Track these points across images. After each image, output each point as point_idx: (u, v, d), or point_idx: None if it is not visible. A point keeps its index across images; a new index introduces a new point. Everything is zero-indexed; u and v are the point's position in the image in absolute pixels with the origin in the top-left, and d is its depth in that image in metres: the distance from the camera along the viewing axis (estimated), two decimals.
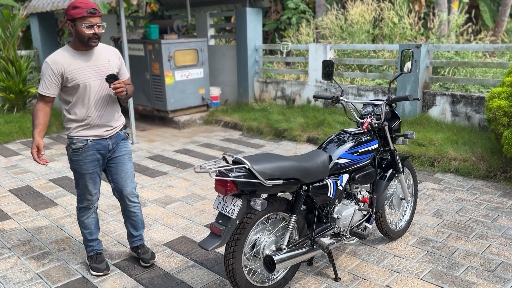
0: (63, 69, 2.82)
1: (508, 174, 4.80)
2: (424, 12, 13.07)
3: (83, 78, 2.87)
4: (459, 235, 3.70)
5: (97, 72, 2.92)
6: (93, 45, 2.86)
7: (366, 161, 3.09)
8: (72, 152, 2.99)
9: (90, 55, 2.92)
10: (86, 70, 2.88)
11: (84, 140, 2.97)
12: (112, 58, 3.02)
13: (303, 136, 6.72)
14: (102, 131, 3.00)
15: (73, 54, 2.88)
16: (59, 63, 2.83)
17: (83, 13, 2.75)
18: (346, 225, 3.04)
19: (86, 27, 2.77)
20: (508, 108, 4.53)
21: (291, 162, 2.63)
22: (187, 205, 4.47)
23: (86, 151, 2.98)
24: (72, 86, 2.86)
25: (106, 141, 3.03)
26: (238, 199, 2.48)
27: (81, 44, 2.86)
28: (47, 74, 2.83)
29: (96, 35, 2.82)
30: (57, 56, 2.85)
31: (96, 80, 2.92)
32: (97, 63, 2.93)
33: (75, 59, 2.87)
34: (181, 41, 7.79)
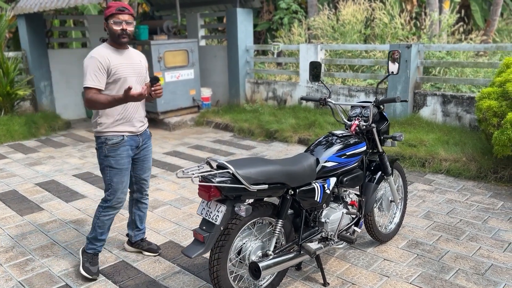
0: (109, 63, 2.94)
1: (499, 175, 4.78)
2: (416, 11, 13.08)
3: (124, 73, 3.01)
4: (449, 237, 3.66)
5: (133, 69, 3.07)
6: (123, 42, 2.98)
7: (354, 164, 3.04)
8: (109, 148, 3.05)
9: (126, 53, 3.08)
10: (125, 66, 3.02)
11: (120, 136, 3.06)
12: (142, 61, 3.20)
13: (294, 137, 6.67)
14: (136, 127, 3.12)
15: (113, 50, 3.02)
16: (105, 57, 2.94)
17: (113, 10, 2.92)
18: (334, 229, 2.99)
19: (114, 23, 2.92)
20: (498, 108, 4.51)
21: (277, 166, 2.58)
22: (175, 209, 4.40)
23: (123, 146, 3.07)
24: (114, 80, 2.98)
25: (138, 137, 3.16)
26: (222, 205, 2.42)
27: (113, 41, 3.00)
28: (95, 67, 2.90)
29: (125, 31, 2.94)
30: (102, 51, 2.98)
31: (133, 76, 3.06)
32: (132, 62, 3.09)
33: (115, 55, 3.01)
34: (171, 42, 7.71)
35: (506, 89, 4.50)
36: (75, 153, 6.56)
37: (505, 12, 14.77)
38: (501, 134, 4.34)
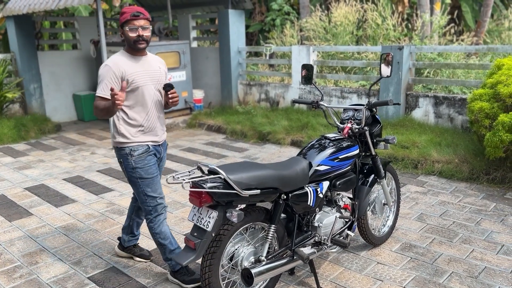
0: (124, 72, 2.85)
1: (491, 176, 4.78)
2: (408, 13, 13.13)
3: (142, 81, 2.92)
4: (443, 239, 3.65)
5: (151, 77, 2.98)
6: (141, 48, 2.89)
7: (347, 167, 3.02)
8: (135, 160, 2.94)
9: (144, 60, 2.98)
10: (143, 74, 2.93)
11: (145, 145, 2.97)
12: (161, 67, 3.09)
13: (287, 139, 6.65)
14: (159, 136, 3.04)
15: (130, 58, 2.93)
16: (120, 65, 2.86)
17: (127, 16, 2.82)
18: (327, 234, 2.96)
19: (130, 30, 2.83)
20: (490, 110, 4.51)
21: (269, 171, 2.55)
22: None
23: (149, 154, 2.98)
24: (132, 89, 2.88)
25: (160, 147, 3.08)
26: (214, 210, 2.38)
27: (130, 48, 2.91)
28: (108, 76, 2.83)
29: (141, 37, 2.86)
30: (117, 59, 2.89)
31: (151, 84, 2.97)
32: (150, 69, 2.99)
33: (133, 63, 2.92)
34: (163, 44, 7.65)
35: (498, 91, 4.51)
36: (65, 156, 6.48)
37: (495, 13, 14.88)
38: (493, 136, 4.34)
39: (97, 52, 8.09)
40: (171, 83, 2.96)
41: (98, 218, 4.26)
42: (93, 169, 5.83)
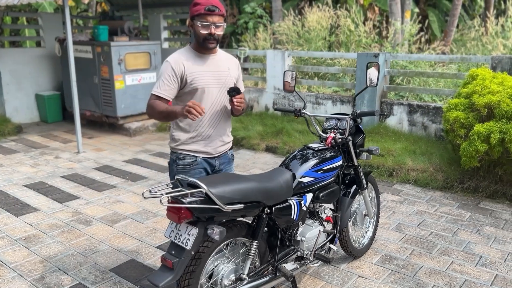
0: (184, 70, 2.58)
1: (465, 185, 4.82)
2: (378, 20, 13.32)
3: (203, 82, 2.61)
4: (422, 251, 3.61)
5: (216, 79, 2.67)
6: (210, 47, 2.60)
7: (330, 178, 2.91)
8: (179, 169, 2.69)
9: (211, 59, 2.68)
10: (207, 75, 2.63)
11: (193, 157, 2.69)
12: (232, 68, 2.77)
13: (262, 144, 6.52)
14: (213, 147, 2.72)
15: (194, 56, 2.64)
16: (181, 63, 2.58)
17: (201, 10, 2.50)
18: (310, 248, 2.84)
19: (201, 26, 2.52)
20: (465, 119, 4.54)
21: (253, 184, 2.40)
22: (137, 223, 4.12)
23: (195, 168, 2.69)
24: (190, 90, 2.61)
25: (215, 160, 2.75)
26: (194, 227, 2.21)
27: (198, 45, 2.62)
28: (166, 73, 2.57)
29: (212, 36, 2.55)
30: (178, 56, 2.61)
31: (215, 87, 2.66)
32: (217, 70, 2.68)
33: (196, 62, 2.63)
34: (133, 44, 7.38)
35: (473, 101, 4.54)
36: (26, 160, 6.10)
37: (460, 23, 15.33)
38: (468, 146, 4.36)
39: (63, 51, 7.71)
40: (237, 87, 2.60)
41: (62, 229, 3.99)
42: (57, 174, 5.50)
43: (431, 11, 15.29)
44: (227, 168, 2.85)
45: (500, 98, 4.35)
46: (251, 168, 5.74)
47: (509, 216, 4.26)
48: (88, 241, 3.77)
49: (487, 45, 9.46)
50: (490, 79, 4.69)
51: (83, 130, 7.51)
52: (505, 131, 4.20)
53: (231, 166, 2.89)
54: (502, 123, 4.28)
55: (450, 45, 12.60)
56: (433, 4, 16.10)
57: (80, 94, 7.54)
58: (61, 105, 8.52)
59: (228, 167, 2.86)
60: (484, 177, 4.77)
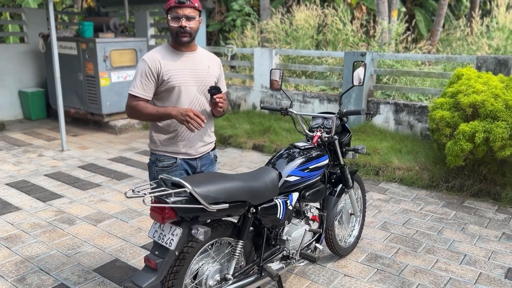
0: (160, 68, 2.50)
1: (450, 184, 4.86)
2: (365, 19, 13.37)
3: (180, 80, 2.53)
4: (407, 249, 3.62)
5: (195, 77, 2.58)
6: (183, 41, 2.52)
7: (317, 177, 2.90)
8: (158, 171, 2.61)
9: (189, 57, 2.60)
10: (184, 73, 2.55)
11: (173, 158, 2.61)
12: (213, 66, 2.69)
13: (249, 143, 6.49)
14: (194, 148, 2.64)
15: (171, 53, 2.56)
16: (157, 60, 2.50)
17: (172, 3, 2.46)
18: (296, 247, 2.83)
19: (171, 18, 2.47)
20: (451, 119, 4.57)
21: (238, 183, 2.37)
22: (122, 222, 4.06)
23: (175, 170, 2.62)
24: (167, 88, 2.52)
25: (196, 161, 2.68)
26: (178, 227, 2.18)
27: (174, 41, 2.56)
28: (142, 72, 2.50)
29: (183, 29, 2.48)
30: (155, 53, 2.53)
31: (193, 85, 2.58)
32: (196, 68, 2.59)
33: (173, 59, 2.55)
34: (118, 40, 7.28)
35: (458, 100, 4.57)
36: (9, 158, 5.98)
37: (446, 23, 15.48)
38: (454, 145, 4.40)
39: (47, 47, 7.58)
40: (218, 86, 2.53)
41: (45, 228, 3.92)
42: (40, 172, 5.40)
43: (417, 11, 15.41)
44: (209, 170, 2.79)
45: (484, 97, 4.39)
46: (238, 167, 5.71)
47: (492, 214, 4.31)
48: (71, 240, 3.71)
49: (472, 45, 9.56)
50: (475, 79, 4.73)
51: (67, 127, 7.40)
52: (490, 131, 4.24)
53: (213, 168, 2.83)
54: (487, 123, 4.32)
55: (436, 45, 12.71)
56: (419, 4, 16.23)
57: (65, 91, 7.43)
58: (45, 102, 8.38)
59: (211, 168, 2.80)
60: (469, 176, 4.81)
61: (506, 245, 3.69)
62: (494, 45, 7.61)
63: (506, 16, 8.04)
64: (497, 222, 4.13)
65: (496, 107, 4.31)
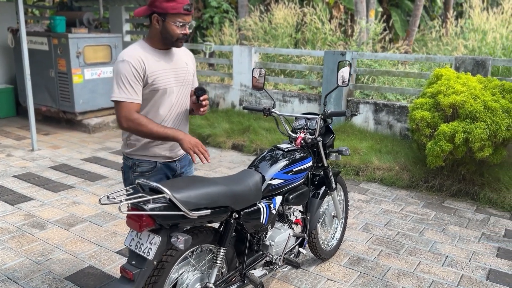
0: (145, 69, 2.30)
1: (430, 184, 4.87)
2: (343, 18, 13.41)
3: (164, 82, 2.37)
4: (390, 251, 3.59)
5: (176, 77, 2.44)
6: (180, 47, 2.43)
7: (300, 180, 2.81)
8: (136, 176, 2.43)
9: (169, 56, 2.44)
10: (167, 73, 2.39)
11: (153, 162, 2.45)
12: (189, 62, 2.56)
13: (228, 142, 6.37)
14: (175, 151, 2.51)
15: (152, 52, 2.37)
16: (141, 61, 2.30)
17: (179, 9, 2.28)
18: (279, 252, 2.74)
19: (179, 26, 2.31)
20: (431, 119, 4.57)
21: (220, 187, 2.26)
22: (96, 226, 3.89)
23: (155, 175, 2.46)
24: (150, 91, 2.35)
25: (175, 163, 2.56)
26: (156, 235, 2.05)
27: (163, 43, 2.38)
28: (129, 74, 2.26)
29: (186, 36, 2.38)
30: (135, 53, 2.31)
31: (175, 86, 2.44)
32: (176, 67, 2.45)
33: (156, 59, 2.37)
34: (92, 36, 7.03)
35: (438, 101, 4.58)
36: None
37: (422, 23, 15.71)
38: (434, 145, 4.39)
39: (16, 42, 7.25)
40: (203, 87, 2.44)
41: (13, 234, 3.71)
42: (8, 174, 5.14)
43: (394, 11, 15.58)
44: (188, 171, 2.69)
45: (464, 98, 4.40)
46: (217, 167, 5.59)
47: (472, 214, 4.33)
48: (42, 246, 3.52)
49: (448, 46, 9.69)
50: (454, 79, 4.75)
51: (38, 126, 7.11)
52: (469, 131, 4.26)
53: (191, 168, 2.74)
54: (466, 123, 4.33)
55: (412, 45, 12.86)
56: (395, 4, 16.41)
57: (36, 88, 7.15)
58: (14, 99, 8.04)
59: (189, 169, 2.70)
60: (448, 176, 4.83)
61: (486, 246, 3.70)
62: (470, 46, 7.72)
63: (481, 18, 8.15)
64: (476, 222, 4.15)
65: (476, 108, 4.33)
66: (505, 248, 3.67)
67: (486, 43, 7.45)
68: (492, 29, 7.75)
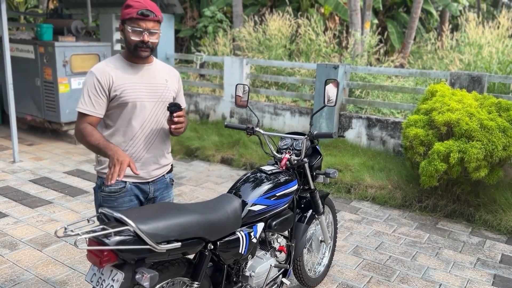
0: (111, 82, 2.23)
1: (423, 204, 4.69)
2: (338, 30, 13.33)
3: (134, 96, 2.26)
4: (380, 278, 3.40)
5: (151, 92, 2.32)
6: (142, 56, 2.26)
7: (284, 205, 2.62)
8: (104, 197, 2.31)
9: (145, 70, 2.34)
10: (139, 87, 2.28)
11: (121, 182, 2.31)
12: (171, 80, 2.43)
13: (217, 156, 6.19)
14: (147, 171, 2.36)
15: (124, 65, 2.30)
16: (108, 73, 2.23)
17: (133, 13, 2.18)
18: (260, 284, 2.54)
19: (133, 31, 2.19)
20: (425, 137, 4.41)
21: (194, 216, 2.07)
22: (70, 247, 3.68)
23: (123, 196, 2.32)
24: (118, 104, 2.25)
25: (148, 186, 2.40)
26: (119, 271, 1.85)
27: (130, 53, 2.28)
28: (91, 86, 2.21)
29: (145, 44, 2.22)
30: (105, 65, 2.26)
31: (149, 101, 2.31)
32: (152, 81, 2.34)
33: (127, 72, 2.28)
34: (80, 45, 6.86)
35: (433, 118, 4.42)
36: None
37: (417, 36, 15.66)
38: (428, 165, 4.23)
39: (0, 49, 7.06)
40: (178, 103, 2.28)
41: None
42: None
43: (389, 23, 15.53)
44: (164, 195, 2.50)
45: (459, 116, 4.25)
46: (204, 182, 5.40)
47: (467, 237, 4.15)
48: (11, 269, 3.30)
49: (444, 59, 9.59)
50: (449, 96, 4.60)
51: (23, 136, 6.91)
52: (464, 151, 4.10)
53: (169, 193, 2.54)
54: (461, 142, 4.17)
55: (407, 57, 12.78)
56: (391, 16, 16.37)
57: (21, 97, 6.96)
58: (0, 108, 7.83)
59: (166, 193, 2.51)
60: (442, 196, 4.66)
61: (482, 273, 3.52)
62: (466, 60, 7.61)
63: (477, 32, 8.05)
64: (471, 246, 3.97)
65: (471, 127, 4.17)
66: (502, 276, 3.49)
67: (482, 57, 7.34)
68: (488, 43, 7.65)
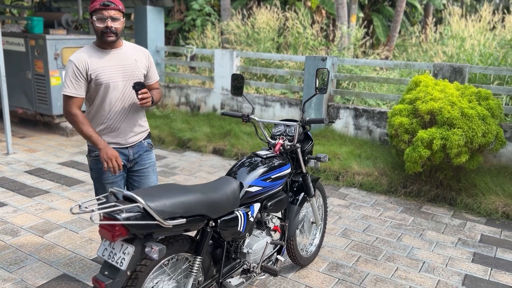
0: (87, 67, 2.64)
1: (408, 189, 4.92)
2: (325, 23, 13.51)
3: (106, 77, 2.68)
4: (368, 257, 3.60)
5: (123, 72, 2.74)
6: (109, 41, 2.65)
7: (279, 187, 2.80)
8: (92, 160, 2.83)
9: (115, 53, 2.74)
10: (110, 70, 2.70)
11: None
12: (140, 59, 2.84)
13: (209, 147, 6.33)
14: (125, 138, 2.82)
15: (97, 52, 2.71)
16: (84, 60, 2.64)
17: (96, 5, 2.60)
18: (257, 260, 2.72)
19: (97, 19, 2.60)
20: (409, 125, 4.62)
21: (197, 195, 2.23)
22: (71, 233, 3.81)
23: None
24: (95, 85, 2.68)
25: (128, 150, 2.85)
26: (130, 245, 2.01)
27: (99, 40, 2.69)
28: (71, 73, 2.63)
29: (110, 29, 2.62)
30: (81, 54, 2.67)
31: (121, 81, 2.74)
32: (123, 63, 2.75)
33: (99, 57, 2.69)
34: (71, 38, 6.91)
35: (417, 107, 4.63)
36: None
37: (402, 29, 15.93)
38: (412, 151, 4.44)
39: None
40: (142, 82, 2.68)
41: None
42: None
43: (375, 16, 15.76)
44: (145, 157, 2.92)
45: (442, 105, 4.46)
46: (197, 172, 5.55)
47: (448, 220, 4.39)
48: (14, 254, 3.42)
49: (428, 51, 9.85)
50: (432, 86, 4.81)
51: (14, 129, 6.96)
52: (446, 138, 4.32)
53: (149, 155, 2.96)
54: (444, 130, 4.39)
55: (393, 50, 13.03)
56: (377, 9, 16.61)
57: (12, 90, 7.00)
58: None
59: (146, 155, 2.93)
60: (426, 182, 4.89)
61: (462, 251, 3.76)
62: (449, 52, 7.85)
63: (460, 25, 8.31)
64: (453, 228, 4.21)
65: (453, 115, 4.39)
66: (480, 254, 3.72)
67: (464, 50, 7.59)
68: (470, 36, 7.91)
